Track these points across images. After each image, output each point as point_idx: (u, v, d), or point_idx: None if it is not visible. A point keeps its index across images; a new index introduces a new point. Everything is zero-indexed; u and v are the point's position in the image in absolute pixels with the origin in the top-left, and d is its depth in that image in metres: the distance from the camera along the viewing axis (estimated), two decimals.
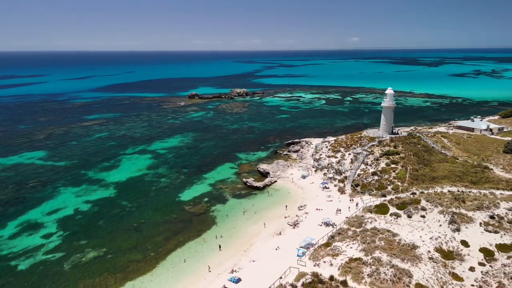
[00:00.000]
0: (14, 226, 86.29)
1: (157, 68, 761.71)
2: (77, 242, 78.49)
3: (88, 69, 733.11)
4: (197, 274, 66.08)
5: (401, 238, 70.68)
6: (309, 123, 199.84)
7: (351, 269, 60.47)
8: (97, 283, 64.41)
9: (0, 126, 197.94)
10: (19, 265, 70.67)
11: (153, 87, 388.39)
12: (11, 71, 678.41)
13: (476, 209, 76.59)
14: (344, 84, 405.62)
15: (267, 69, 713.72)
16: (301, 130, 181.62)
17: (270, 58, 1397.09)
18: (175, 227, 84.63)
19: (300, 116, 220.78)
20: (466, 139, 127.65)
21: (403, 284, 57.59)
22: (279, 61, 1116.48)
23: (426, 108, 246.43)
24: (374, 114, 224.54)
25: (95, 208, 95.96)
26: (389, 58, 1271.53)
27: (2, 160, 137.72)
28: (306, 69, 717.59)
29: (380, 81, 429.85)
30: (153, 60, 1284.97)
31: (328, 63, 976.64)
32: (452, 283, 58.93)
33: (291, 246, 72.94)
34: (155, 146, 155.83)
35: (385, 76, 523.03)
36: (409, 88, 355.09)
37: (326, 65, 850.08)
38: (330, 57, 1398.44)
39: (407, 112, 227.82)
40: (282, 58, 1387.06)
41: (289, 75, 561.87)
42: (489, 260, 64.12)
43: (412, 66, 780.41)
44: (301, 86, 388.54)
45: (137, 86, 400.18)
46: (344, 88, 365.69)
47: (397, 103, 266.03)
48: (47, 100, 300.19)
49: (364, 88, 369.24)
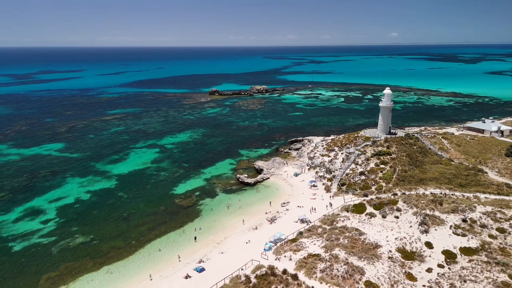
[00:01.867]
0: (19, 211, 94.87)
1: (188, 64, 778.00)
2: (69, 228, 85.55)
3: (122, 65, 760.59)
4: (168, 262, 70.84)
5: (367, 237, 72.18)
6: (321, 121, 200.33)
7: (306, 264, 63.08)
8: (77, 266, 70.67)
9: (30, 118, 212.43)
10: (14, 246, 78.42)
11: (178, 83, 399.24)
12: (52, 67, 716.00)
13: (451, 212, 76.59)
14: (369, 81, 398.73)
15: (295, 66, 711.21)
16: (310, 129, 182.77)
17: (302, 54, 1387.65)
18: (161, 218, 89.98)
19: (313, 114, 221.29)
20: (468, 141, 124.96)
21: (354, 281, 59.61)
22: (310, 57, 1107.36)
23: (447, 107, 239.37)
24: None
25: (94, 198, 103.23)
26: (427, 54, 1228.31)
27: (24, 150, 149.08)
28: (335, 65, 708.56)
29: (408, 79, 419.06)
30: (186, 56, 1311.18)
31: (359, 59, 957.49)
32: (404, 283, 60.26)
33: (262, 240, 76.17)
34: (165, 141, 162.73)
35: (415, 73, 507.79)
36: (436, 86, 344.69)
37: (357, 62, 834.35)
38: (364, 53, 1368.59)
39: (425, 112, 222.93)
40: (314, 54, 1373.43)
41: (316, 71, 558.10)
42: (450, 262, 64.73)
43: (448, 63, 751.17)
44: (324, 83, 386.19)
45: (164, 82, 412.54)
46: (368, 86, 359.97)
47: (418, 102, 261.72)
48: (77, 94, 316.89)
49: (388, 85, 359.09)
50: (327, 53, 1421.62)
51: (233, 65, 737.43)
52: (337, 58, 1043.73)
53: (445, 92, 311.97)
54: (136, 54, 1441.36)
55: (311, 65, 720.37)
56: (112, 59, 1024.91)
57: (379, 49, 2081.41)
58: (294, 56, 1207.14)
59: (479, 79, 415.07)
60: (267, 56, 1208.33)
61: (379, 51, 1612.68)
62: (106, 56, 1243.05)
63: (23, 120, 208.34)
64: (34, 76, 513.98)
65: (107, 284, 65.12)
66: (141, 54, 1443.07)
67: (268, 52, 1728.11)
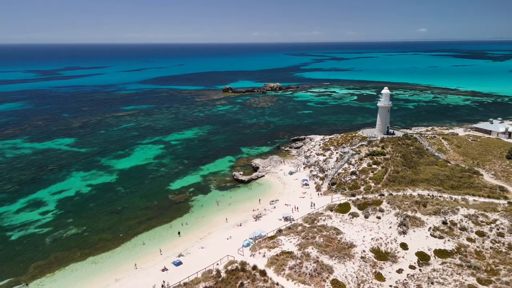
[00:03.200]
0: (22, 202, 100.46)
1: (208, 61, 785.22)
2: (65, 220, 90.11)
3: (145, 62, 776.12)
4: (150, 255, 73.89)
5: (344, 236, 72.95)
6: (329, 120, 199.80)
7: (277, 261, 64.64)
8: (66, 256, 74.76)
9: (48, 114, 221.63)
10: (12, 235, 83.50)
11: (195, 80, 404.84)
12: (78, 63, 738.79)
13: (433, 214, 76.29)
14: (387, 79, 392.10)
15: (315, 63, 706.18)
16: (317, 127, 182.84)
17: (324, 50, 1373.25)
18: (152, 213, 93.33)
19: (322, 112, 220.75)
20: (470, 142, 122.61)
21: (321, 279, 60.78)
22: (331, 54, 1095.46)
23: (462, 107, 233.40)
24: (401, 112, 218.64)
25: (94, 191, 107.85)
26: (454, 51, 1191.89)
27: (37, 144, 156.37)
28: (355, 62, 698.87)
29: (428, 77, 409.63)
30: (209, 53, 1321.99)
31: (382, 56, 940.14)
32: (371, 282, 60.97)
33: (244, 237, 78.00)
34: (171, 137, 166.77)
35: (437, 71, 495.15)
36: (455, 85, 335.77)
37: (379, 59, 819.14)
38: (388, 50, 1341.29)
39: (438, 111, 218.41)
40: (336, 51, 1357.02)
41: (335, 69, 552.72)
42: (422, 264, 64.92)
43: (475, 60, 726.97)
44: (340, 81, 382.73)
45: (181, 79, 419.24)
46: (384, 84, 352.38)
47: (433, 101, 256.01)
48: (97, 91, 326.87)
49: (406, 84, 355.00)
50: (350, 50, 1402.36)
51: (253, 62, 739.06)
52: (360, 55, 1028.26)
53: (464, 91, 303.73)
54: (160, 51, 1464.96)
55: (331, 62, 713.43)
56: (136, 56, 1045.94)
57: (406, 45, 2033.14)
58: (316, 53, 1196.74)
59: (503, 78, 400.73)
60: (289, 53, 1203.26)
61: (405, 48, 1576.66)
62: (131, 53, 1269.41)
63: (41, 115, 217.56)
64: (60, 72, 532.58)
65: (89, 273, 68.76)
66: (165, 51, 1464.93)
67: (291, 48, 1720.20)
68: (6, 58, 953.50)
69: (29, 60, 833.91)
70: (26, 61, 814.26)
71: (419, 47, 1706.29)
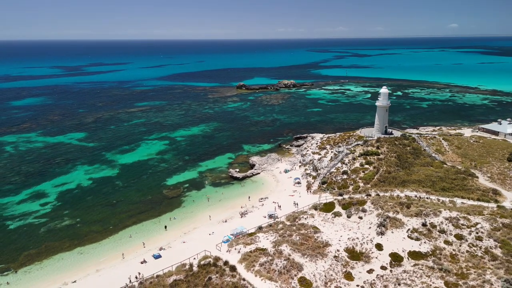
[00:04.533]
0: (25, 194, 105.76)
1: (228, 58, 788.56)
2: (62, 212, 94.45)
3: (166, 58, 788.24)
4: (133, 247, 76.76)
5: (321, 235, 73.61)
6: (336, 118, 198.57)
7: (249, 257, 66.13)
8: (56, 246, 78.68)
9: (64, 109, 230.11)
10: (11, 224, 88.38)
11: (211, 77, 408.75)
12: (102, 59, 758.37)
13: (414, 216, 75.82)
14: (406, 77, 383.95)
15: (336, 59, 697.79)
16: (323, 125, 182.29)
17: (347, 47, 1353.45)
18: (144, 207, 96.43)
19: (332, 110, 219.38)
20: (472, 143, 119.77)
21: (289, 276, 61.90)
22: (354, 50, 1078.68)
23: (479, 106, 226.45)
24: (413, 111, 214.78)
25: (94, 185, 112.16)
26: (484, 47, 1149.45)
27: (50, 138, 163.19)
28: (377, 59, 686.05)
29: (450, 75, 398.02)
30: (231, 49, 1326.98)
31: (406, 53, 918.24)
32: (339, 281, 61.63)
33: (226, 233, 79.70)
34: (177, 133, 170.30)
35: (460, 68, 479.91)
36: (477, 83, 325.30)
37: (403, 56, 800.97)
38: (415, 46, 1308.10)
39: (452, 111, 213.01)
40: (361, 47, 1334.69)
41: (354, 65, 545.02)
42: (394, 265, 65.00)
43: (504, 57, 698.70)
44: (357, 78, 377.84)
45: (198, 76, 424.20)
46: (402, 81, 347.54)
47: (449, 100, 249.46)
48: (115, 87, 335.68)
49: (425, 82, 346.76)
50: (374, 46, 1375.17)
51: (272, 59, 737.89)
52: (383, 51, 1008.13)
53: (485, 89, 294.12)
54: (183, 48, 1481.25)
55: (352, 59, 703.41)
56: (159, 52, 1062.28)
57: (434, 41, 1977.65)
58: (339, 49, 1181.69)
59: None
60: (311, 49, 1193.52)
61: (432, 44, 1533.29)
62: (155, 49, 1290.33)
63: (58, 110, 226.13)
64: (84, 68, 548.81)
65: (74, 263, 72.29)
66: (187, 48, 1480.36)
67: (315, 45, 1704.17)
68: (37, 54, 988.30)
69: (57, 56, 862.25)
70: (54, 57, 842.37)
71: (448, 43, 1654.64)
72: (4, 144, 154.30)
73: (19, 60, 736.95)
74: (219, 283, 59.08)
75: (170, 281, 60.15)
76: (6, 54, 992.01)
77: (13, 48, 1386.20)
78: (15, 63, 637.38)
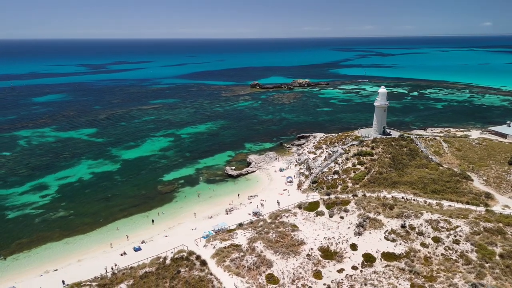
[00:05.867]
0: (29, 185, 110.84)
1: (248, 57, 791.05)
2: (59, 204, 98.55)
3: (189, 57, 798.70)
4: (117, 239, 79.28)
5: (298, 234, 73.98)
6: (345, 118, 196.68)
7: (222, 253, 67.41)
8: (46, 235, 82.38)
9: (81, 105, 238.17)
10: (10, 214, 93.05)
11: (228, 76, 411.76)
12: (126, 58, 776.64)
13: (395, 217, 75.07)
14: (426, 77, 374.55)
15: (358, 58, 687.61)
16: (329, 125, 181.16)
17: (372, 46, 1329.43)
18: (137, 201, 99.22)
19: (342, 110, 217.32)
20: (473, 145, 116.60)
21: (257, 272, 62.79)
22: (379, 49, 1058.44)
23: (497, 108, 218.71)
24: (426, 111, 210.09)
25: (94, 179, 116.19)
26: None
27: (62, 133, 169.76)
28: (400, 59, 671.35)
29: (473, 75, 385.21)
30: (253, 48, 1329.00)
31: (433, 52, 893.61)
32: (307, 279, 62.08)
33: (208, 229, 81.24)
34: (183, 131, 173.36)
35: (486, 69, 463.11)
36: (499, 84, 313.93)
37: (428, 55, 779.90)
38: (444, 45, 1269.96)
39: (467, 112, 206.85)
40: (386, 46, 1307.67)
41: (375, 65, 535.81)
42: (366, 265, 64.87)
43: None
44: (375, 78, 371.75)
45: (216, 74, 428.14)
46: (421, 82, 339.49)
47: (467, 101, 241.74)
48: (134, 84, 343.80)
49: (445, 82, 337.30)
50: (401, 45, 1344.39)
51: (293, 58, 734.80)
52: (409, 50, 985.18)
53: (507, 90, 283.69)
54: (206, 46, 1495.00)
55: (374, 58, 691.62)
56: (183, 51, 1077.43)
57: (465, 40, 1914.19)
58: (363, 48, 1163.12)
59: None
60: (334, 48, 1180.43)
61: (462, 43, 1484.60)
62: (180, 48, 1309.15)
63: (75, 106, 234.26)
64: (107, 66, 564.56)
65: (59, 253, 75.60)
66: (212, 46, 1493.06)
67: (340, 43, 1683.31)
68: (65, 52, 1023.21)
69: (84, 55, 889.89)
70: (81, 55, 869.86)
71: (479, 42, 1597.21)
72: (19, 138, 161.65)
73: (49, 58, 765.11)
74: (186, 276, 60.62)
75: (141, 273, 62.13)
76: (36, 52, 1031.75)
77: (43, 47, 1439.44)
78: (43, 61, 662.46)
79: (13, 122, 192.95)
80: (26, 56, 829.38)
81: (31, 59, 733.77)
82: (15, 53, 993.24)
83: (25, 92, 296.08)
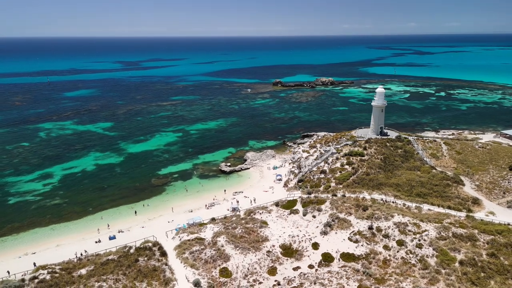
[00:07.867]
0: (36, 174, 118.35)
1: (279, 55, 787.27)
2: (57, 192, 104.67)
3: (221, 54, 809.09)
4: (99, 228, 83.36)
5: (265, 230, 74.55)
6: (358, 118, 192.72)
7: (184, 245, 69.35)
8: (37, 221, 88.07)
9: (105, 100, 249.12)
10: (11, 200, 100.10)
11: (254, 74, 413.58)
12: (162, 55, 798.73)
13: (365, 218, 73.96)
14: (459, 76, 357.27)
15: (393, 57, 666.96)
16: (340, 124, 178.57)
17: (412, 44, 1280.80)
18: (128, 193, 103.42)
19: (358, 109, 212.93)
20: (476, 149, 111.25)
21: (213, 266, 64.24)
22: (418, 47, 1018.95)
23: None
24: (448, 112, 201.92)
25: (96, 170, 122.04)
26: None
27: (80, 127, 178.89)
28: (438, 57, 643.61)
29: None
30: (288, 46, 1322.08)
31: (476, 50, 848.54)
32: (260, 275, 62.83)
33: (184, 222, 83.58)
34: (193, 127, 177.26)
35: None
36: None
37: (471, 54, 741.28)
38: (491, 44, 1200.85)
39: (491, 114, 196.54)
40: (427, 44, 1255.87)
41: (410, 64, 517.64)
42: (323, 265, 64.79)
43: None
44: (404, 77, 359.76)
45: (242, 72, 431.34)
46: (452, 81, 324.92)
47: (495, 102, 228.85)
48: (161, 81, 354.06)
49: (479, 82, 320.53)
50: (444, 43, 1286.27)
51: (323, 56, 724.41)
52: (451, 48, 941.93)
53: None
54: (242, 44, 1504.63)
55: (411, 57, 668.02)
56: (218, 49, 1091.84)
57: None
58: (402, 46, 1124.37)
59: None
60: (371, 46, 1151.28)
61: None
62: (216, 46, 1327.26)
63: (100, 101, 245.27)
64: (141, 63, 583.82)
65: (42, 237, 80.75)
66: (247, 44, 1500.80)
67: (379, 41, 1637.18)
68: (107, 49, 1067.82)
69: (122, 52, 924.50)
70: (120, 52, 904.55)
71: None
72: (41, 130, 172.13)
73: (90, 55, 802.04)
74: (142, 265, 63.09)
75: (104, 259, 65.26)
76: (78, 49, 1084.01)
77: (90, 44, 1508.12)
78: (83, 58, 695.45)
79: (40, 115, 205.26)
80: (69, 53, 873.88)
81: (72, 56, 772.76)
82: (57, 49, 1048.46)
83: (59, 87, 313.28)
